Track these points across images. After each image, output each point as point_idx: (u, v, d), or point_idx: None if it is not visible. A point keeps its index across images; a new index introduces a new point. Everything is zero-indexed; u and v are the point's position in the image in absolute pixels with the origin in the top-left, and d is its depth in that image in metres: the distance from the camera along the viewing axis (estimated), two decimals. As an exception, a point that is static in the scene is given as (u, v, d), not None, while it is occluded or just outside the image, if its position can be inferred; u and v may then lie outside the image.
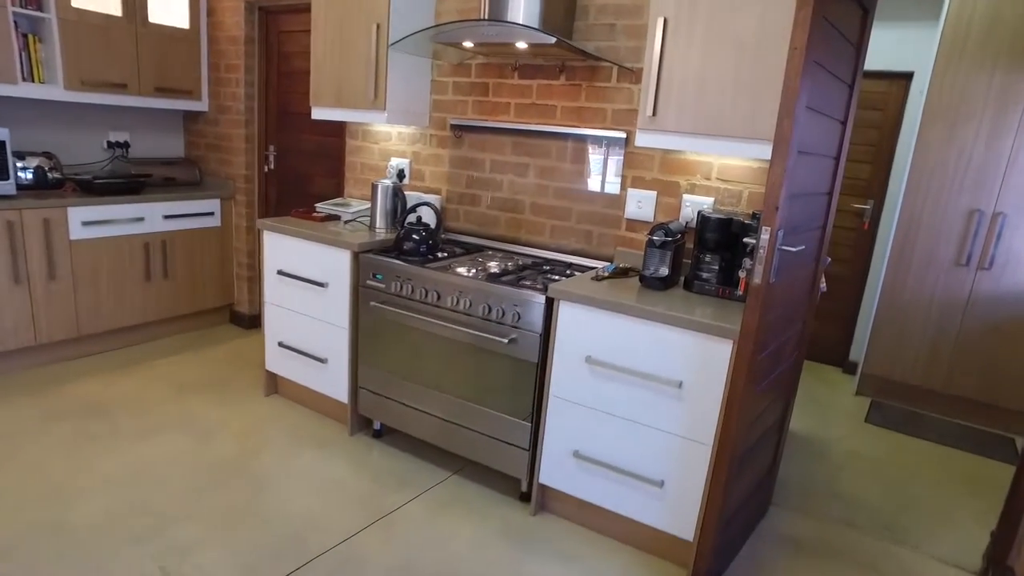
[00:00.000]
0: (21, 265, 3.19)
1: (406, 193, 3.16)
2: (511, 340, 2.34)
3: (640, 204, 2.61)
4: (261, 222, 3.07)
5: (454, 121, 3.03)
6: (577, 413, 2.26)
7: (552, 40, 2.28)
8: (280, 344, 3.13)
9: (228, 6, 3.91)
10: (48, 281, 3.29)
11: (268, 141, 4.13)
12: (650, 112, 2.21)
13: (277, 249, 3.05)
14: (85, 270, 3.43)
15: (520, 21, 2.46)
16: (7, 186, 3.20)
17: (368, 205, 3.26)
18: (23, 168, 3.39)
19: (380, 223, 3.01)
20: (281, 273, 3.03)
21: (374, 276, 2.70)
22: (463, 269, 2.54)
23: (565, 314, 2.21)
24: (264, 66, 4.01)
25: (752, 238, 1.76)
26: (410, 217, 2.83)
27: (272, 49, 3.97)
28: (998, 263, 3.51)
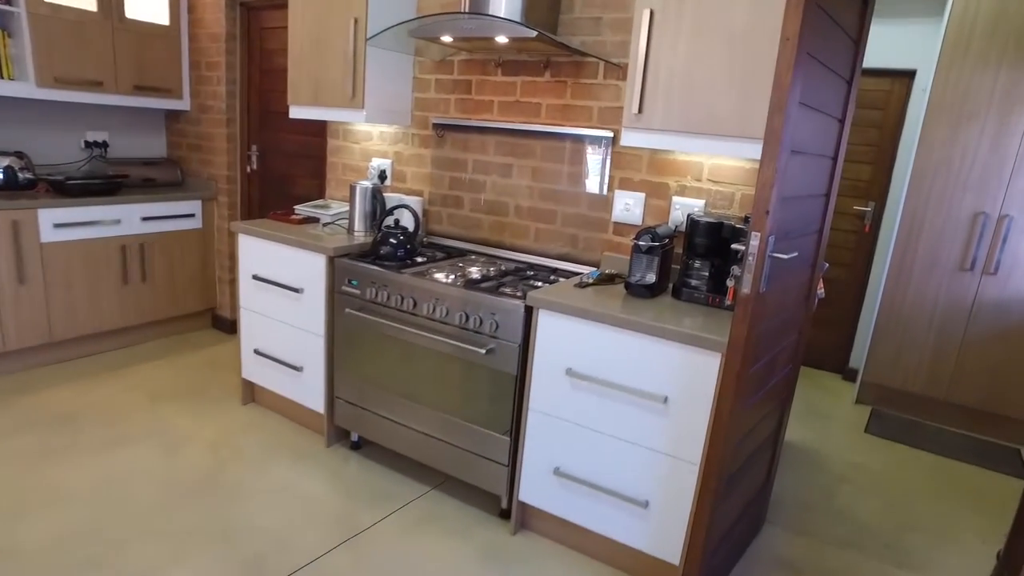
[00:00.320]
0: (-12, 269, 3.08)
1: (389, 195, 3.04)
2: (489, 350, 2.21)
3: (628, 207, 2.49)
4: (235, 224, 2.95)
5: (436, 120, 2.91)
6: (558, 428, 2.14)
7: (533, 34, 2.15)
8: (256, 351, 3.02)
9: (209, 2, 3.80)
10: (17, 285, 3.18)
11: (250, 141, 4.01)
12: (636, 110, 2.08)
13: (252, 253, 2.93)
14: (57, 274, 3.32)
15: (501, 14, 2.34)
16: (-26, 187, 3.09)
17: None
18: (-7, 168, 3.28)
19: (359, 226, 2.89)
20: (256, 278, 2.91)
21: (349, 282, 2.58)
22: (441, 275, 2.41)
23: (544, 324, 2.09)
24: (246, 64, 3.89)
25: (741, 244, 1.64)
26: (388, 220, 2.71)
27: (254, 46, 3.85)
28: (1004, 268, 3.38)
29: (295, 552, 2.15)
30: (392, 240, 2.57)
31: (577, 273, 2.54)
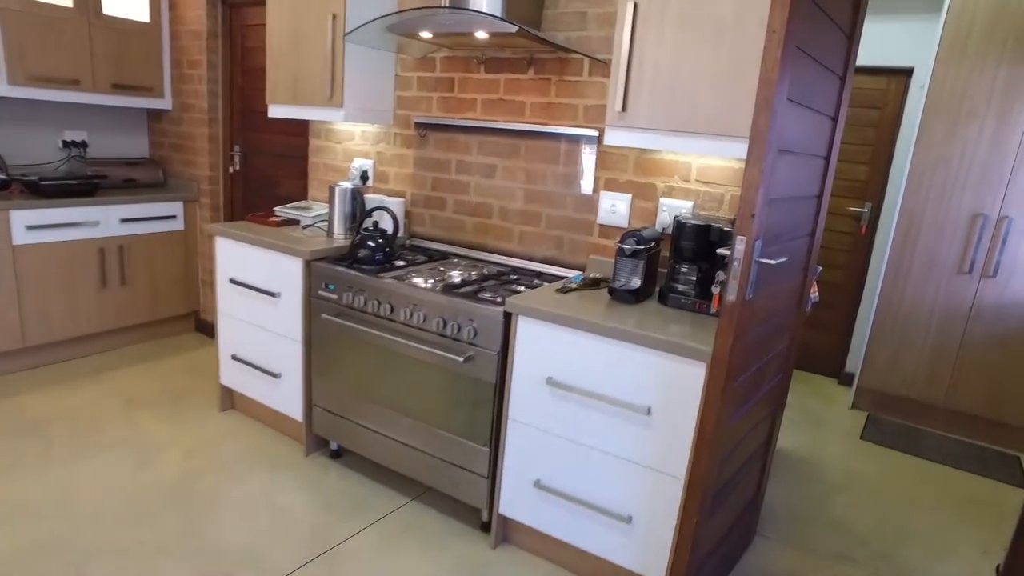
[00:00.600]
0: (-41, 272, 2.99)
1: (370, 196, 2.96)
2: (467, 358, 2.13)
3: (614, 208, 2.40)
4: (212, 227, 2.87)
5: (419, 119, 2.83)
6: (538, 439, 2.05)
7: (514, 29, 2.07)
8: (234, 357, 2.93)
9: (189, -2, 3.71)
10: (-11, 289, 3.09)
11: (233, 141, 3.92)
12: (619, 107, 2.00)
13: (229, 256, 2.84)
14: (31, 277, 3.23)
15: (483, 9, 2.26)
16: (-56, 188, 3.00)
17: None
18: (-35, 169, 3.20)
19: (338, 228, 2.81)
20: (233, 282, 2.83)
21: (326, 286, 2.49)
22: (420, 279, 2.33)
23: (524, 331, 2.00)
24: (228, 62, 3.80)
25: (727, 249, 1.55)
26: (367, 222, 2.62)
27: (236, 44, 3.76)
28: (1003, 271, 3.29)
29: (266, 568, 2.06)
30: (370, 243, 2.49)
31: (562, 277, 2.46)
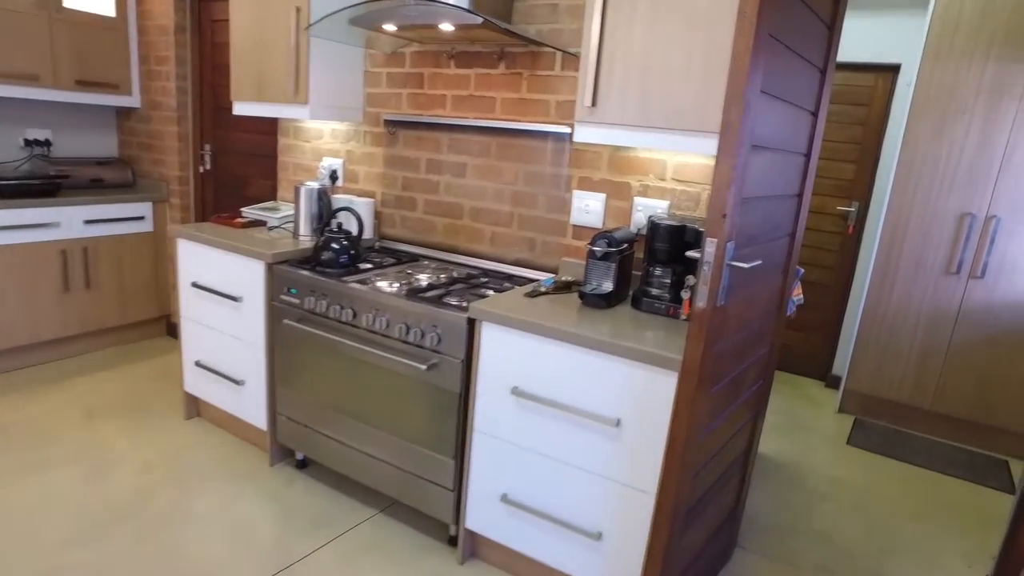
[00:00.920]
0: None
1: (339, 196, 2.85)
2: (431, 366, 2.02)
3: (587, 208, 2.31)
4: (173, 228, 2.75)
5: (388, 116, 2.72)
6: (505, 452, 1.95)
7: (479, 20, 1.97)
8: (197, 363, 2.81)
9: (156, -8, 3.59)
10: (-57, 294, 2.97)
11: (203, 140, 3.81)
12: (589, 102, 1.90)
13: (191, 259, 2.73)
14: (-12, 281, 3.11)
15: (448, 0, 2.15)
16: None
17: (297, 209, 2.94)
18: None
19: (304, 230, 2.70)
20: (196, 285, 2.71)
21: (288, 290, 2.38)
22: (384, 283, 2.22)
23: (488, 338, 1.90)
24: (197, 58, 3.69)
25: (697, 251, 1.46)
26: (332, 224, 2.52)
27: (205, 39, 3.65)
28: (991, 271, 3.21)
29: (217, 590, 1.95)
30: (334, 245, 2.38)
31: (534, 280, 2.36)
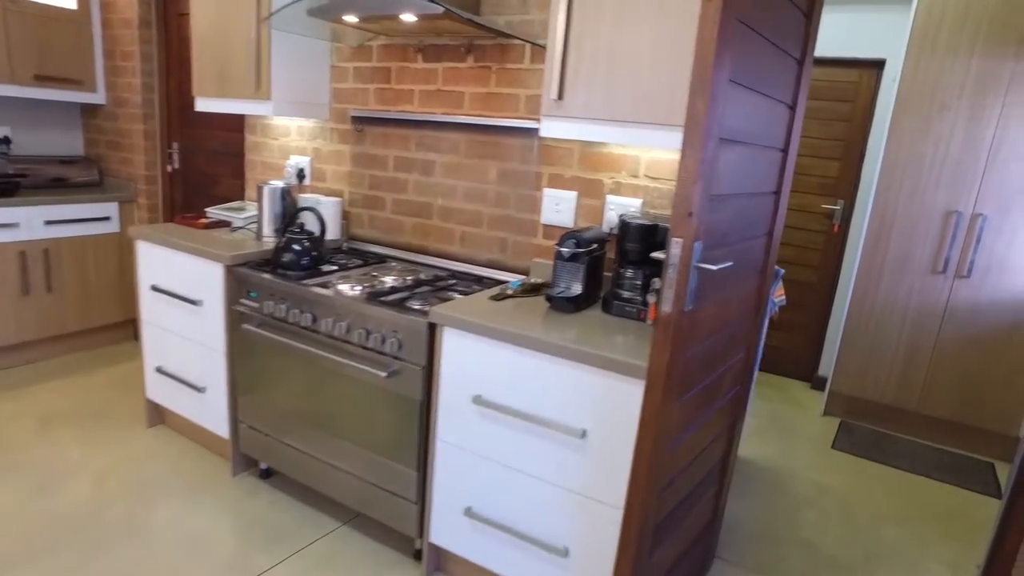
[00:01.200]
0: None
1: (306, 196, 2.75)
2: (391, 373, 1.92)
3: (558, 207, 2.21)
4: (133, 230, 2.64)
5: (355, 112, 2.62)
6: (468, 463, 1.85)
7: (440, 10, 1.87)
8: (158, 369, 2.70)
9: (120, -15, 3.47)
10: None
11: (171, 137, 3.69)
12: (555, 95, 1.80)
13: (150, 261, 2.62)
14: (-59, 285, 2.98)
15: (411, -11, 2.05)
16: None
17: (263, 209, 2.83)
18: None
19: (268, 231, 2.59)
20: (155, 289, 2.61)
21: (248, 294, 2.28)
22: (346, 286, 2.12)
23: (450, 343, 1.81)
24: (164, 53, 3.57)
25: (663, 252, 1.36)
26: (295, 224, 2.41)
27: (171, 34, 3.53)
28: (977, 271, 3.14)
29: (165, 611, 1.85)
30: (295, 247, 2.28)
31: (504, 282, 2.26)
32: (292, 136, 2.88)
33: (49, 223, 3.34)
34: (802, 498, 2.74)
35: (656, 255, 1.39)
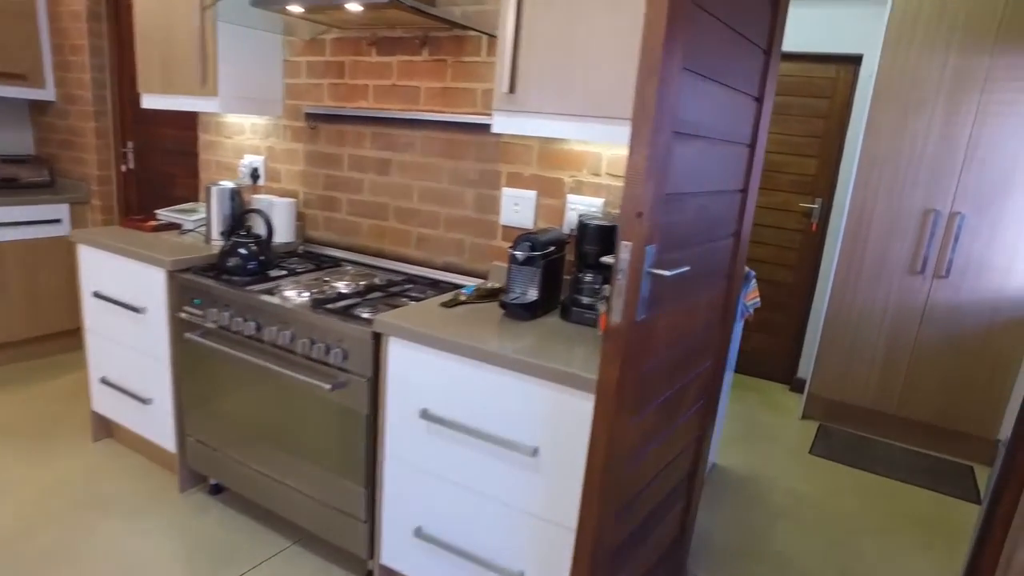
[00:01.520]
0: None
1: (260, 197, 2.61)
2: (337, 385, 1.80)
3: (517, 207, 2.10)
4: (75, 233, 2.50)
5: (308, 109, 2.49)
6: (418, 481, 1.74)
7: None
8: (103, 380, 2.56)
9: (68, -24, 3.32)
10: None
11: (125, 136, 3.54)
12: (506, 88, 1.69)
13: (92, 266, 2.48)
14: None
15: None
16: None
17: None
18: None
19: (216, 234, 2.46)
20: (98, 295, 2.46)
21: (192, 301, 2.15)
22: (293, 292, 2.00)
23: (396, 354, 1.69)
24: (115, 47, 3.42)
25: (612, 257, 1.26)
26: (244, 227, 2.29)
27: (123, 27, 3.38)
28: (956, 270, 3.07)
29: (92, 645, 1.72)
30: (241, 251, 2.15)
31: (460, 286, 2.15)
32: (246, 134, 2.75)
33: (-7, 226, 3.18)
34: (778, 508, 2.65)
35: (606, 260, 1.28)
